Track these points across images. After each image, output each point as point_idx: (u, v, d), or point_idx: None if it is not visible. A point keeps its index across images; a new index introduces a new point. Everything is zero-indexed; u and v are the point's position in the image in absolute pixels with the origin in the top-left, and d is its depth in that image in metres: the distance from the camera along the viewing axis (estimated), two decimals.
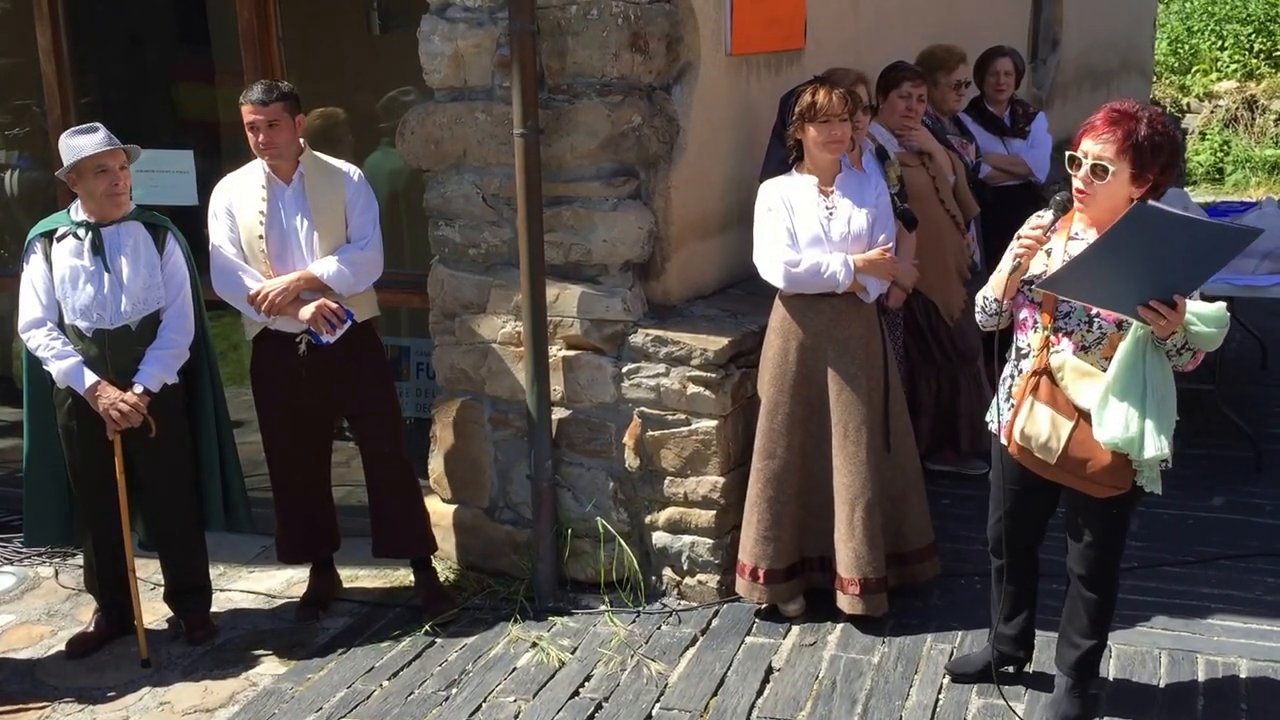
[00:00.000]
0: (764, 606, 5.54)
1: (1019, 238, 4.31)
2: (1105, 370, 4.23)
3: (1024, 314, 4.45)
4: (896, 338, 6.30)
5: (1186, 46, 19.99)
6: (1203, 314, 4.07)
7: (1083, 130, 4.22)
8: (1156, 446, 4.18)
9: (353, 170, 5.64)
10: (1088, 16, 12.59)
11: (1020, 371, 4.44)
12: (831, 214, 5.27)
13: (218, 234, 5.51)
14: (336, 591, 6.00)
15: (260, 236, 5.47)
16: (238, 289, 5.47)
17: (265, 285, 5.43)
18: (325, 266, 5.45)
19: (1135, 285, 3.99)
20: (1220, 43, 19.80)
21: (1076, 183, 4.21)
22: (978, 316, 4.59)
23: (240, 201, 5.50)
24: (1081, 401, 4.27)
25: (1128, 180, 4.14)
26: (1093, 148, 4.15)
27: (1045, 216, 4.35)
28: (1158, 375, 4.17)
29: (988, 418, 4.65)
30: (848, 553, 5.34)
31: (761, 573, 5.44)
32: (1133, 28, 14.99)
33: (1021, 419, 4.37)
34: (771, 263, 5.29)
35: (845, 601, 5.39)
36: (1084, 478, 4.31)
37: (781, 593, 5.49)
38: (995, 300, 4.43)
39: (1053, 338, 4.34)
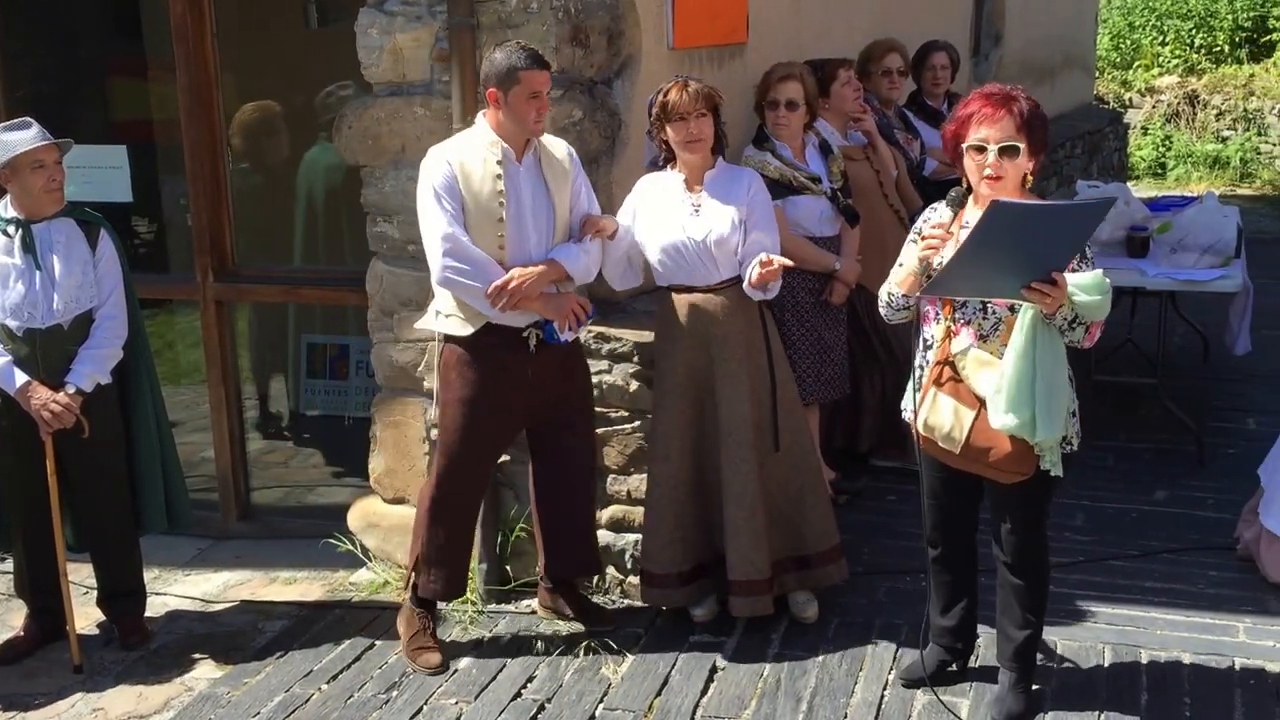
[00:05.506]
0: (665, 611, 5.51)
1: (923, 236, 4.36)
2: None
3: (926, 306, 4.50)
4: (840, 334, 6.27)
5: (1128, 42, 20.16)
6: (1082, 283, 4.11)
7: (967, 120, 4.29)
8: (1048, 429, 4.22)
9: (570, 148, 5.22)
10: (1030, 11, 12.65)
11: (927, 363, 4.48)
12: (696, 212, 5.20)
13: (445, 217, 4.91)
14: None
15: (500, 220, 4.96)
16: (477, 279, 4.90)
17: (517, 274, 4.92)
18: (572, 257, 5.05)
19: (1014, 272, 4.08)
20: (1161, 38, 19.97)
21: (986, 170, 4.25)
22: (882, 311, 4.61)
23: (471, 179, 4.95)
24: (981, 390, 4.33)
25: (1027, 156, 4.25)
26: (993, 132, 4.22)
27: (945, 214, 4.41)
28: (1049, 358, 4.21)
29: (902, 406, 4.70)
30: (731, 554, 5.28)
31: (659, 577, 5.38)
32: (1075, 23, 15.07)
33: (925, 410, 4.43)
34: None
35: (732, 603, 5.34)
36: (989, 466, 4.36)
37: (684, 596, 5.43)
38: (902, 295, 4.46)
39: (953, 327, 4.40)
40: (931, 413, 4.41)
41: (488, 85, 4.92)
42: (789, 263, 5.07)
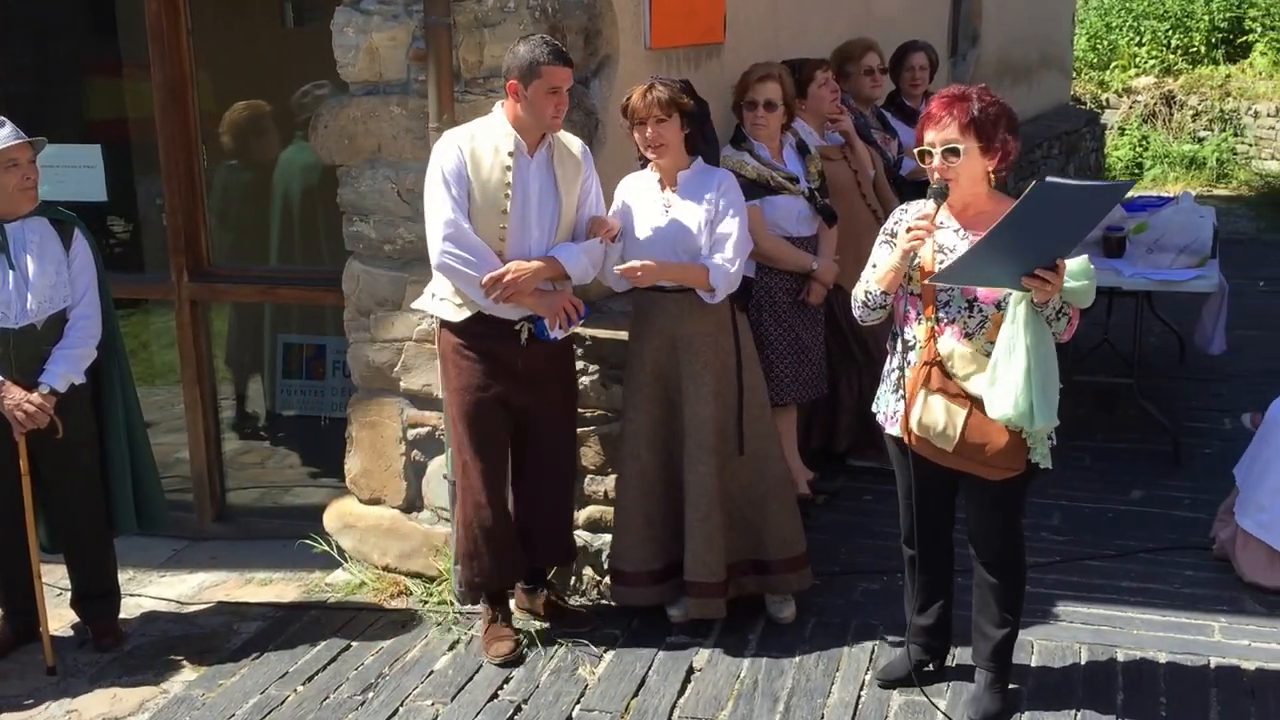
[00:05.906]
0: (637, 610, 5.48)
1: (909, 229, 4.34)
2: (991, 353, 4.29)
3: (906, 307, 4.50)
4: (818, 334, 6.27)
5: (1105, 42, 20.21)
6: (1072, 269, 4.16)
7: (922, 125, 4.36)
8: (1046, 416, 4.25)
9: (585, 146, 5.23)
10: (1007, 12, 12.67)
11: (909, 364, 4.47)
12: (666, 211, 5.19)
13: (449, 202, 4.90)
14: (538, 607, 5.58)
15: (504, 211, 4.95)
16: (474, 268, 4.89)
17: (513, 268, 4.92)
18: (572, 257, 5.04)
19: (1020, 260, 4.08)
20: (1138, 39, 20.02)
21: (934, 173, 4.29)
22: (857, 311, 4.60)
23: (481, 168, 4.95)
24: (972, 388, 4.34)
25: (979, 154, 4.28)
26: (938, 135, 4.27)
27: (928, 206, 4.39)
28: (1040, 347, 4.23)
29: (874, 409, 4.71)
30: (686, 555, 5.26)
31: (629, 575, 5.37)
32: (1052, 23, 15.11)
33: (917, 411, 4.42)
34: None
35: (687, 604, 5.32)
36: (982, 462, 4.37)
37: (656, 595, 5.41)
38: (882, 293, 4.46)
39: (936, 328, 4.39)
40: (925, 413, 4.38)
41: (509, 77, 4.92)
42: (652, 265, 5.07)
